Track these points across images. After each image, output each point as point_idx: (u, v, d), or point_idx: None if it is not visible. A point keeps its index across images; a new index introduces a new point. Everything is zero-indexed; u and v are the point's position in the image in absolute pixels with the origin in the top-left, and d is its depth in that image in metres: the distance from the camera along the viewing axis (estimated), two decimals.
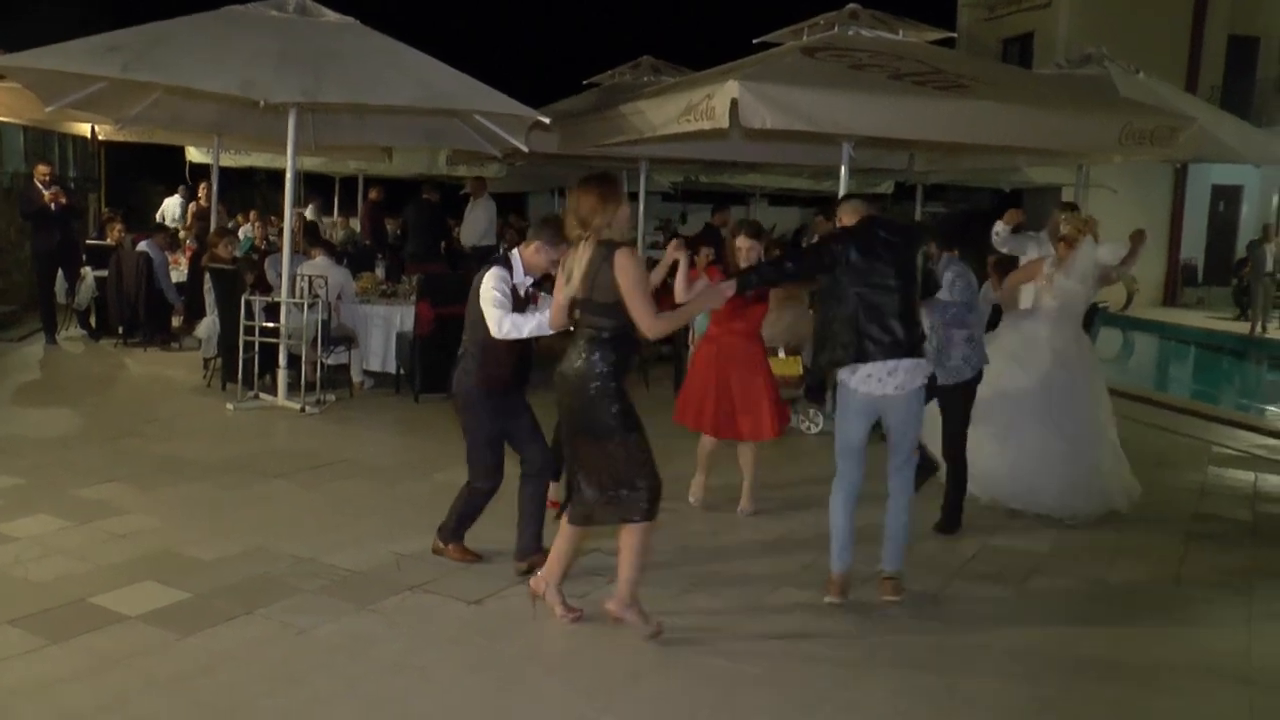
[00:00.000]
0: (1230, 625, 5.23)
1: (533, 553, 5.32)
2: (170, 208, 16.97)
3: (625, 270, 4.43)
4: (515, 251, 5.26)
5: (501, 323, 5.07)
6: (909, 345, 5.04)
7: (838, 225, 5.39)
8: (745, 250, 6.29)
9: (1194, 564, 6.11)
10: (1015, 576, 5.71)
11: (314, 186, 21.05)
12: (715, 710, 4.06)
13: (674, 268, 5.01)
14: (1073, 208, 7.27)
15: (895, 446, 5.21)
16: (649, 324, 4.48)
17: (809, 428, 8.87)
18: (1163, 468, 8.18)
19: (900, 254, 5.11)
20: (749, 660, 4.49)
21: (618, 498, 4.57)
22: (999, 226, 8.11)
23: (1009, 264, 7.79)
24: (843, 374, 5.13)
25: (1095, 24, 21.14)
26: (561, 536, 4.79)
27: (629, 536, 4.62)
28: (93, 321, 12.52)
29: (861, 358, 5.03)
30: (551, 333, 5.01)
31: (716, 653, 4.56)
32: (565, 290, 4.66)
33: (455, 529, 5.56)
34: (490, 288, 5.12)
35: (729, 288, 5.04)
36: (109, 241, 13.01)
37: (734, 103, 6.76)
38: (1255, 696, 4.43)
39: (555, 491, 5.73)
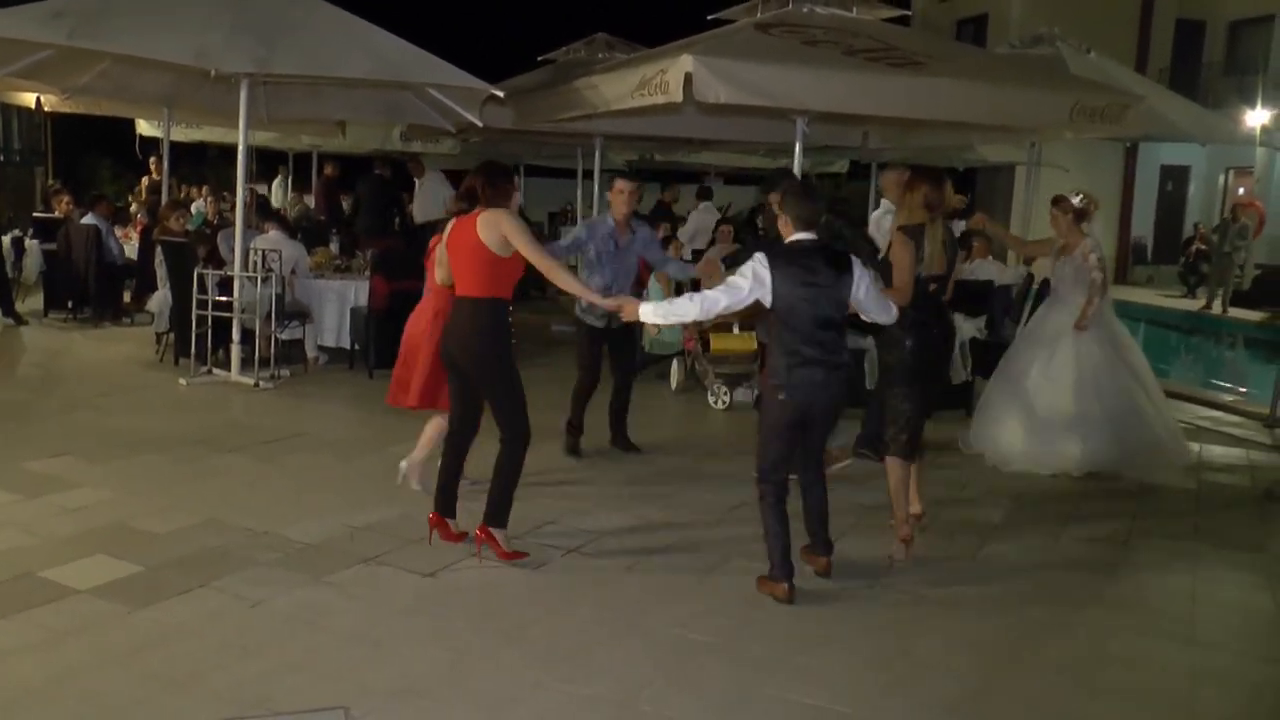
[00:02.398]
0: (1175, 591, 5.35)
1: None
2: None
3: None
4: None
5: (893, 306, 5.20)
6: None
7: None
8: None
9: (1141, 533, 6.24)
10: (969, 546, 5.80)
11: (267, 162, 20.82)
12: (670, 678, 4.10)
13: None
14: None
15: None
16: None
17: (718, 404, 8.88)
18: None
19: None
20: (702, 629, 4.53)
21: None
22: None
23: None
24: None
25: (1048, 6, 21.27)
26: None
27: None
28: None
29: None
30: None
31: (670, 622, 4.59)
32: (907, 270, 5.43)
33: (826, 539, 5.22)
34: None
35: None
36: (57, 214, 12.79)
37: (688, 77, 6.76)
38: (1197, 657, 4.54)
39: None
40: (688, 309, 4.88)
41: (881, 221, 7.02)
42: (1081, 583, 5.38)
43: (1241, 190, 23.93)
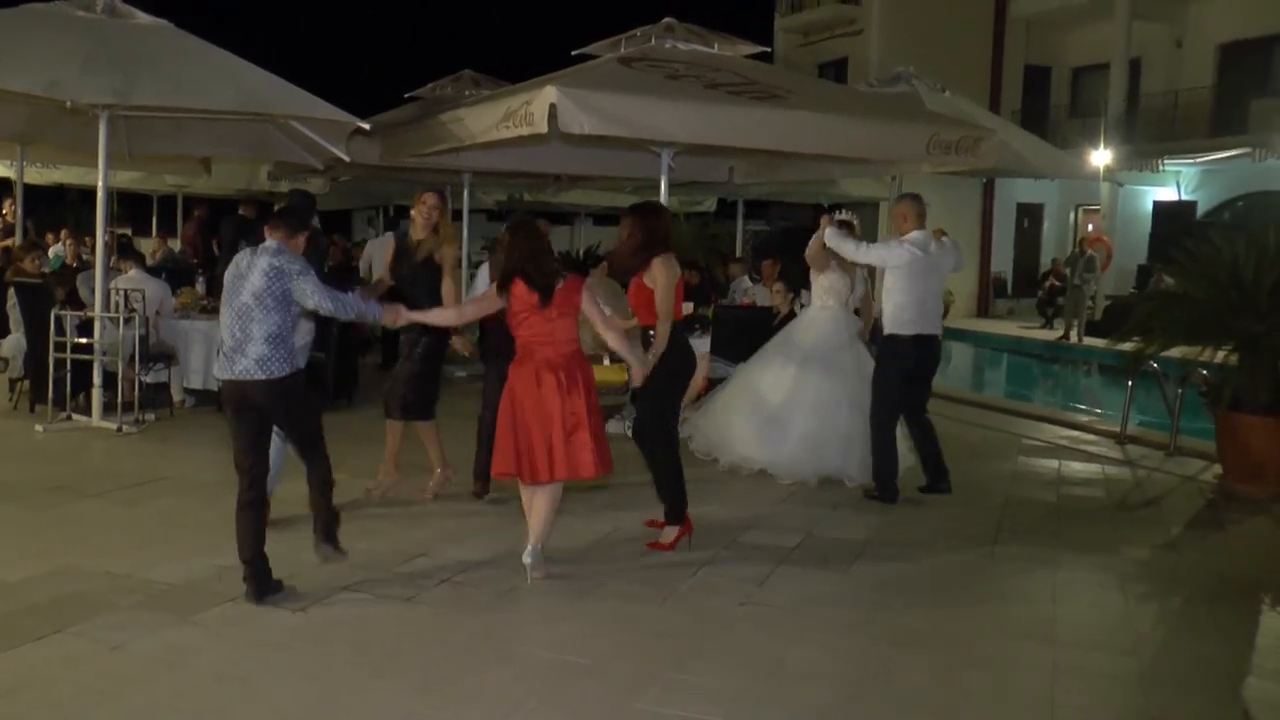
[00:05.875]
0: (1038, 595, 5.56)
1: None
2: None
3: None
4: None
5: None
6: None
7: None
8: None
9: (1006, 543, 6.47)
10: (840, 561, 5.92)
11: (131, 206, 20.24)
12: (544, 699, 4.08)
13: None
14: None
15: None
16: None
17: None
18: (977, 458, 8.63)
19: None
20: (576, 651, 4.53)
21: None
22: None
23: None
24: None
25: (906, 51, 22.07)
26: None
27: None
28: None
29: None
30: None
31: (545, 645, 4.59)
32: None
33: None
34: None
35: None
36: None
37: (552, 108, 6.81)
38: (1058, 655, 4.72)
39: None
40: None
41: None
42: (949, 591, 5.56)
43: (1091, 226, 25.07)
